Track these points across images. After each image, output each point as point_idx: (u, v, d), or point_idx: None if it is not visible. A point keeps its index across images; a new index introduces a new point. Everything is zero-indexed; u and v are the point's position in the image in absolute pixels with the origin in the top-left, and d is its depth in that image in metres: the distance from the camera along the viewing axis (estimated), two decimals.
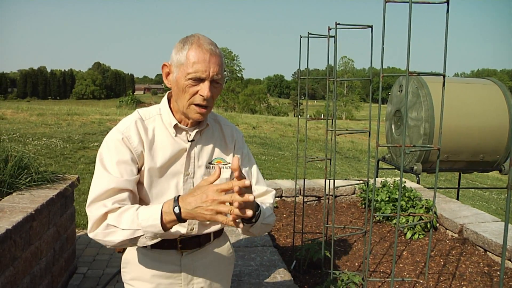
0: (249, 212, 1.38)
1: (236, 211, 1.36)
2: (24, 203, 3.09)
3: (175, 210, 1.45)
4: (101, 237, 1.54)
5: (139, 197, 1.69)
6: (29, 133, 11.18)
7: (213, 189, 1.38)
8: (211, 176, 1.44)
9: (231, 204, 1.37)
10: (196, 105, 1.62)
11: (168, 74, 1.67)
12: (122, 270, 1.85)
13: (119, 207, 1.55)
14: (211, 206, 1.37)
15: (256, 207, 1.59)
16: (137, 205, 1.57)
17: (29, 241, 2.99)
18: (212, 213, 1.38)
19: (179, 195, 1.49)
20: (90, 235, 1.57)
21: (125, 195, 1.59)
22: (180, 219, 1.46)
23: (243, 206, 1.37)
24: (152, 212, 1.49)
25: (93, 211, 1.56)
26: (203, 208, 1.39)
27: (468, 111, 5.99)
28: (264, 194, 1.86)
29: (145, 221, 1.48)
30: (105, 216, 1.54)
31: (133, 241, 1.52)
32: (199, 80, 1.58)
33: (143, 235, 1.50)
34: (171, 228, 1.52)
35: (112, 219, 1.52)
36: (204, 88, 1.58)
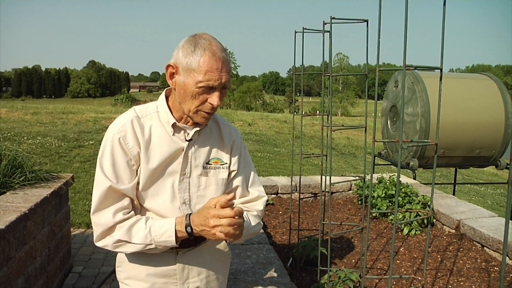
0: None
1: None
2: (17, 202, 3.06)
3: (187, 229, 1.60)
4: (110, 248, 1.63)
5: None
6: (23, 132, 11.13)
7: (212, 215, 1.52)
8: (218, 198, 1.56)
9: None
10: (204, 112, 1.61)
11: (172, 74, 1.61)
12: (117, 269, 1.84)
13: (126, 218, 1.61)
14: (212, 230, 1.52)
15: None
16: (144, 218, 1.64)
17: (23, 240, 2.97)
18: (215, 237, 1.54)
19: (190, 214, 1.62)
20: (98, 244, 1.63)
21: (127, 201, 1.64)
22: (191, 236, 1.61)
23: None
24: (165, 228, 1.61)
25: (98, 220, 1.61)
26: (207, 232, 1.55)
27: (464, 107, 5.99)
28: (255, 199, 1.86)
29: (159, 237, 1.60)
30: (112, 228, 1.60)
31: (142, 250, 1.64)
32: (209, 88, 1.56)
33: (155, 247, 1.62)
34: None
35: (123, 234, 1.60)
36: (214, 98, 1.57)
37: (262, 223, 1.88)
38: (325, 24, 2.93)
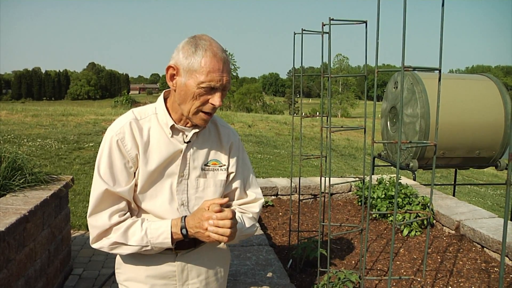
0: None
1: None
2: (17, 204, 3.06)
3: (182, 232, 1.62)
4: (106, 250, 1.64)
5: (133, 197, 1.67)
6: (23, 134, 11.13)
7: (206, 217, 1.56)
8: (212, 201, 1.60)
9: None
10: (205, 112, 1.61)
11: (173, 76, 1.61)
12: (116, 271, 1.84)
13: (122, 220, 1.62)
14: (206, 233, 1.56)
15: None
16: (140, 220, 1.65)
17: (23, 242, 2.97)
18: (209, 239, 1.58)
19: (185, 216, 1.65)
20: (94, 245, 1.64)
21: (124, 203, 1.65)
22: (186, 238, 1.64)
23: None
24: (161, 230, 1.62)
25: (94, 222, 1.62)
26: (202, 234, 1.58)
27: (463, 107, 5.99)
28: (251, 201, 1.89)
29: (155, 238, 1.62)
30: (109, 230, 1.61)
31: (138, 252, 1.65)
32: (211, 89, 1.56)
33: (151, 249, 1.64)
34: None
35: (119, 237, 1.61)
36: (216, 98, 1.58)
37: (257, 225, 1.90)
38: (324, 25, 2.94)
